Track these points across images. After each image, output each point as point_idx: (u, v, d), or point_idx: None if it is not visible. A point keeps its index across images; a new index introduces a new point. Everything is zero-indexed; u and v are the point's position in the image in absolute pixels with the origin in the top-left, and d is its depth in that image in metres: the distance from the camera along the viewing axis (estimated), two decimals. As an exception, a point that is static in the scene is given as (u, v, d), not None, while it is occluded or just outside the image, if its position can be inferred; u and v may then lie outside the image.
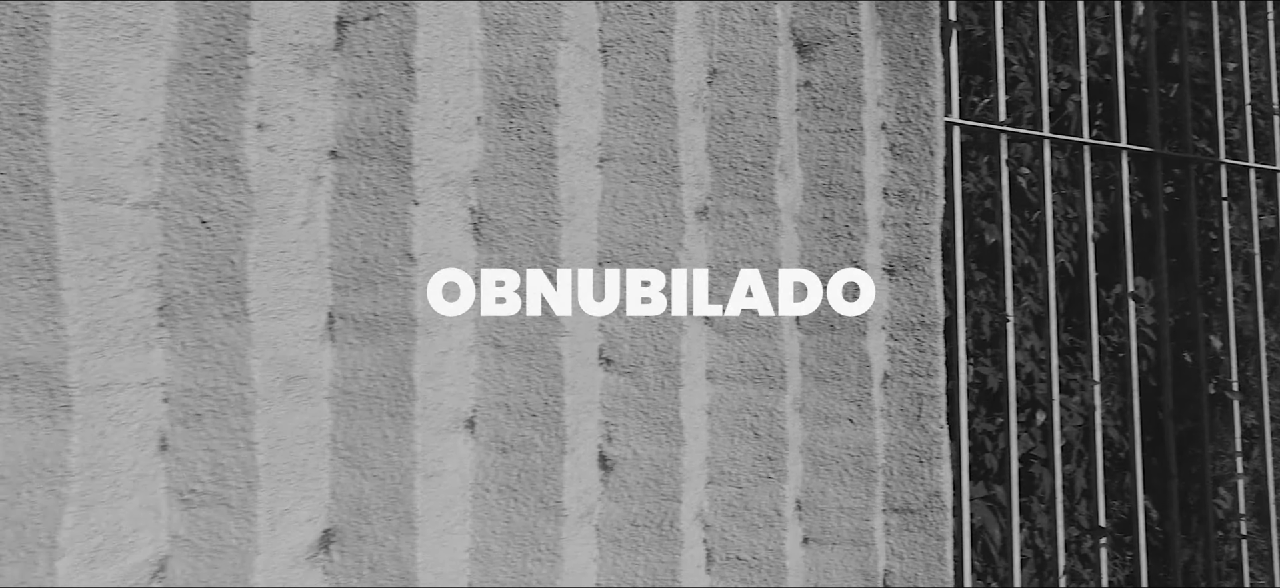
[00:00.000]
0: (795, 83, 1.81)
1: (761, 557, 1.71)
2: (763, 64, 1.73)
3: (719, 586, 1.71)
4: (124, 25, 1.29)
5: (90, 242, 1.23)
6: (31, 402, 1.20)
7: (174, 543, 1.31)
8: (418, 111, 1.42)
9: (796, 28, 1.80)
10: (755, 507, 1.71)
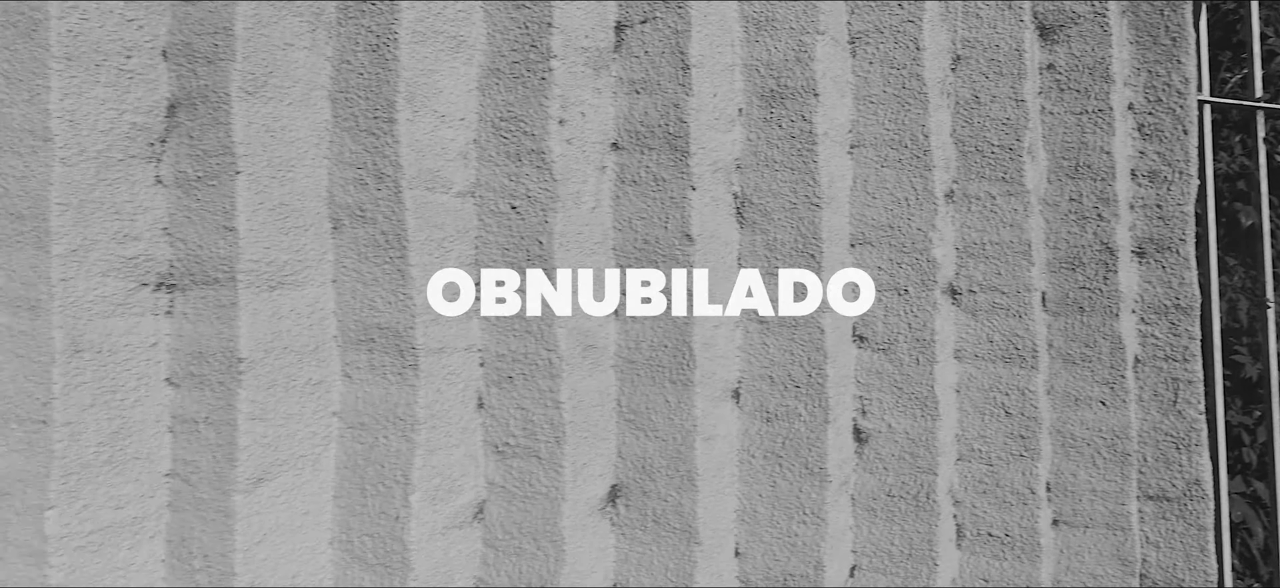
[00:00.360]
0: (1038, 66, 1.81)
1: (1014, 534, 1.72)
2: (1009, 48, 1.74)
3: (971, 561, 1.74)
4: (448, 38, 1.48)
5: (427, 225, 1.42)
6: (385, 361, 1.40)
7: (490, 489, 1.49)
8: (692, 104, 1.54)
9: (1039, 11, 1.81)
10: (1007, 484, 1.72)
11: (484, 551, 1.48)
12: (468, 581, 1.46)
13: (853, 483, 1.68)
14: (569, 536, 1.44)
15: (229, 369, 1.31)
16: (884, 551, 1.67)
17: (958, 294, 1.76)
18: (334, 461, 1.42)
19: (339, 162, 1.44)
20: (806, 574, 1.57)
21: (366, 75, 1.43)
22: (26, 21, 1.30)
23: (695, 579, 1.50)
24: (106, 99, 1.33)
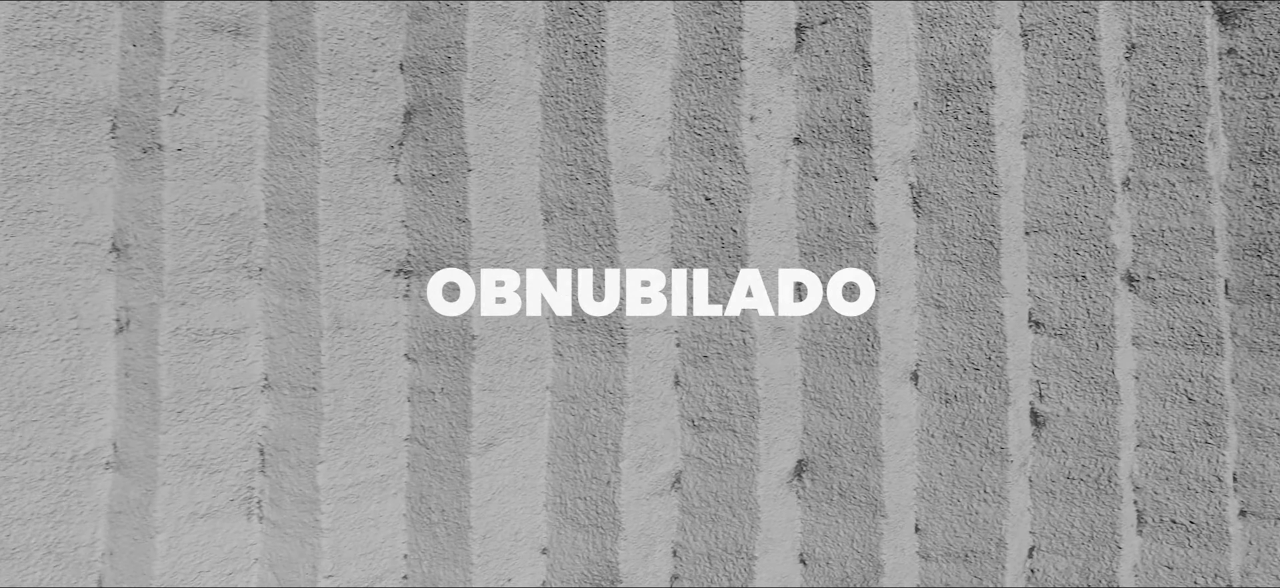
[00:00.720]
0: (1217, 51, 1.80)
1: (1199, 522, 1.71)
2: (1187, 34, 1.74)
3: (1152, 548, 1.74)
4: (646, 44, 1.61)
5: (631, 216, 1.55)
6: (595, 340, 1.54)
7: (686, 460, 1.60)
8: (874, 99, 1.62)
9: (1216, -4, 1.80)
10: (1191, 471, 1.71)
11: (681, 517, 1.60)
12: (667, 545, 1.58)
13: (1031, 465, 1.71)
14: (763, 505, 1.54)
15: (463, 345, 1.47)
16: (1064, 533, 1.70)
17: (1135, 281, 1.77)
18: (547, 431, 1.57)
19: (550, 159, 1.59)
20: (988, 551, 1.62)
21: (575, 80, 1.57)
22: (295, 44, 1.50)
23: (881, 551, 1.57)
24: (358, 108, 1.52)
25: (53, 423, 1.41)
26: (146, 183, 1.45)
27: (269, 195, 1.51)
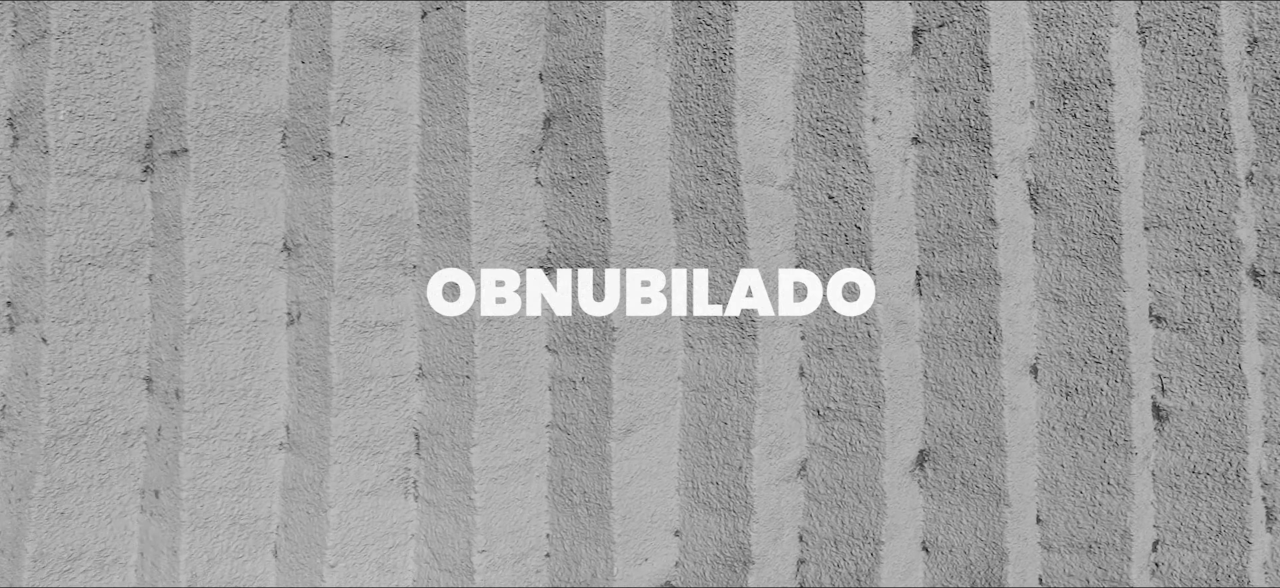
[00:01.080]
0: (1344, 44, 1.79)
1: (1330, 520, 1.69)
2: (1314, 27, 1.73)
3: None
4: (769, 50, 1.68)
5: (759, 214, 1.62)
6: (725, 333, 1.61)
7: (812, 449, 1.66)
8: (993, 99, 1.66)
9: (1341, -12, 1.78)
10: (1321, 468, 1.70)
11: (807, 503, 1.66)
12: (794, 529, 1.64)
13: (1154, 459, 1.72)
14: (889, 491, 1.59)
15: (604, 337, 1.57)
16: (1190, 527, 1.70)
17: (1260, 276, 1.76)
18: (679, 419, 1.65)
19: (680, 161, 1.67)
20: (1113, 543, 1.64)
21: (704, 86, 1.66)
22: (446, 57, 1.62)
23: (1004, 540, 1.61)
24: (503, 116, 1.63)
25: (236, 406, 1.55)
26: (316, 188, 1.58)
27: (422, 198, 1.64)
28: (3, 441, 1.55)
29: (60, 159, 1.53)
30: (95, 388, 1.54)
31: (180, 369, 1.52)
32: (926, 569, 1.69)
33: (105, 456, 1.55)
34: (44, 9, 1.55)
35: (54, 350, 1.50)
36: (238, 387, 1.56)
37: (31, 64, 1.58)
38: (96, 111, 1.57)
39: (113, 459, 1.55)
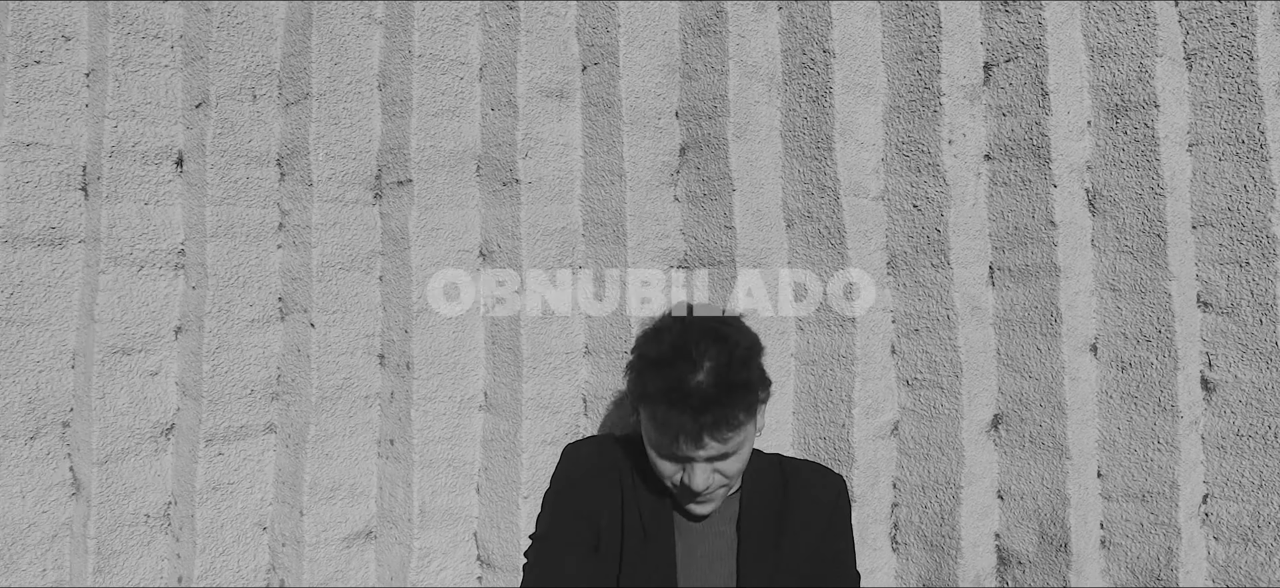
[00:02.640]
0: (1376, 62, 2.05)
1: (1364, 477, 1.95)
2: (1344, 49, 2.01)
3: (1319, 499, 1.98)
4: (862, 87, 2.06)
5: (855, 221, 2.00)
6: (829, 317, 2.00)
7: (902, 412, 2.03)
8: (1051, 122, 2.00)
9: (1374, 13, 2.05)
10: (1355, 432, 1.96)
11: (898, 457, 2.03)
12: (888, 478, 2.01)
13: (1202, 424, 2.01)
14: (967, 447, 1.94)
15: (731, 320, 1.97)
16: (1235, 482, 1.99)
17: (1299, 267, 2.03)
18: (793, 388, 2.03)
19: (790, 180, 2.07)
20: (1163, 492, 1.94)
21: (809, 118, 2.05)
22: (603, 102, 2.06)
23: (1067, 487, 1.94)
24: (649, 147, 2.06)
25: (449, 375, 2.02)
26: (506, 207, 2.05)
27: (586, 213, 2.08)
28: (280, 401, 2.06)
29: (319, 189, 2.03)
30: (346, 362, 2.04)
31: (409, 347, 2.00)
32: (1001, 513, 2.03)
33: (353, 412, 2.04)
34: (305, 77, 2.06)
35: (318, 333, 2.00)
36: (450, 361, 2.03)
37: (295, 119, 2.09)
38: (342, 153, 2.07)
39: (359, 416, 2.05)
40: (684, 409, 1.26)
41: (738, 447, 1.34)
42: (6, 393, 2.00)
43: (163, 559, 2.05)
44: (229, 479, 2.01)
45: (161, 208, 2.08)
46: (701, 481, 1.32)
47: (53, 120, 2.08)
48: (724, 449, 1.32)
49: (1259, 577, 1.95)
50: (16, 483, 2.01)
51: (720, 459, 1.33)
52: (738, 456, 1.36)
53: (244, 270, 2.06)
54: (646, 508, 1.43)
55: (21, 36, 2.06)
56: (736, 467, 1.36)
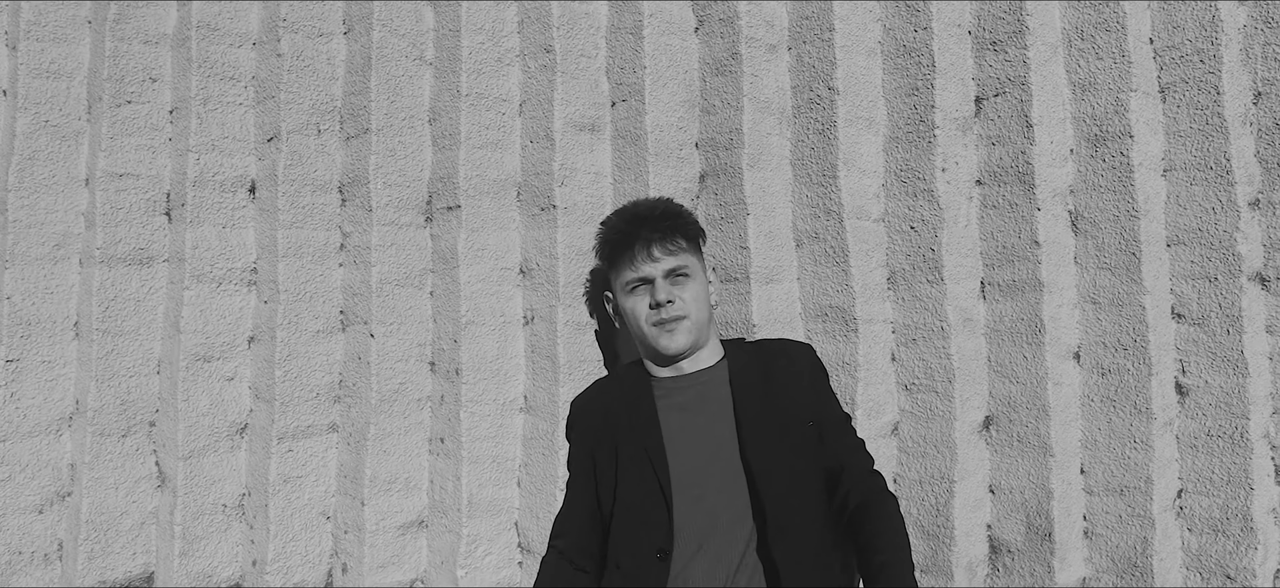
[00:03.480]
0: (1336, 94, 2.24)
1: (1325, 473, 2.14)
2: (1304, 84, 2.21)
3: (1285, 494, 2.18)
4: (864, 120, 2.29)
5: (858, 242, 2.22)
6: (835, 328, 2.22)
7: (902, 414, 2.24)
8: (1036, 151, 2.22)
9: (1335, 49, 2.25)
10: (1317, 432, 2.15)
11: (899, 454, 2.24)
12: (890, 473, 2.22)
13: (1177, 425, 2.21)
14: (960, 446, 2.16)
15: (745, 331, 2.20)
16: (1206, 478, 2.18)
17: (1267, 282, 2.23)
18: (802, 391, 2.25)
19: (799, 204, 2.30)
20: (1139, 486, 2.14)
21: (816, 149, 2.28)
22: (631, 135, 2.29)
23: (1051, 482, 2.14)
24: (672, 175, 2.29)
25: (493, 380, 2.25)
26: (544, 230, 2.29)
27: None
28: (341, 403, 2.31)
29: (378, 214, 2.28)
30: (401, 368, 2.28)
31: (458, 355, 2.24)
32: (991, 505, 2.24)
33: (408, 414, 2.28)
34: (365, 114, 2.31)
35: (377, 343, 2.25)
36: (494, 367, 2.27)
37: (355, 151, 2.34)
38: (398, 181, 2.32)
39: (413, 417, 2.29)
40: (638, 223, 1.75)
41: (688, 270, 1.78)
42: (102, 396, 2.25)
43: (238, 545, 2.29)
44: (297, 473, 2.26)
45: (237, 231, 2.34)
46: (664, 292, 1.72)
47: (141, 153, 2.35)
48: (676, 263, 1.76)
49: (1228, 564, 2.15)
50: (110, 476, 2.26)
51: (675, 280, 1.75)
52: (692, 282, 1.78)
53: (310, 287, 2.30)
54: (634, 407, 1.76)
55: (115, 79, 2.33)
56: (691, 293, 1.77)
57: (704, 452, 1.70)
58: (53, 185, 2.33)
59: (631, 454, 1.70)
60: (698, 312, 1.77)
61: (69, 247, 2.34)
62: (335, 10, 2.41)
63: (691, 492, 1.66)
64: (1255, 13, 2.24)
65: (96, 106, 2.35)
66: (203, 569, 2.24)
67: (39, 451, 2.26)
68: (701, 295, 1.79)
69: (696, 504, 1.65)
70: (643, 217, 1.79)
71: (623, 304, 1.83)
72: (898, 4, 2.30)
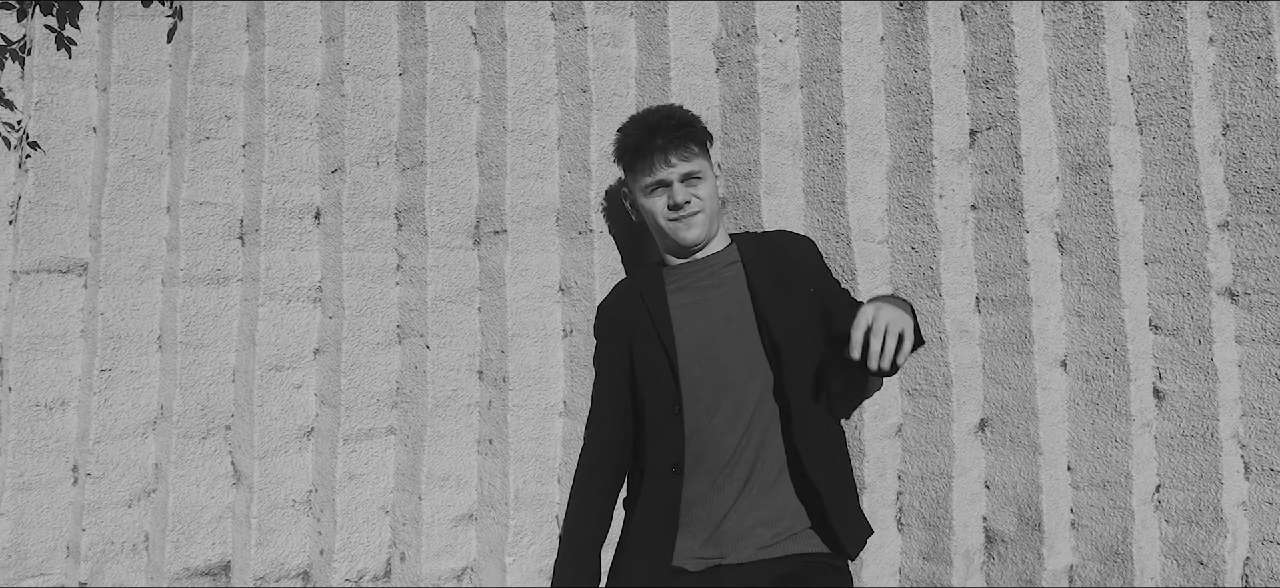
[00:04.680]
0: (1298, 126, 2.48)
1: (1289, 469, 2.36)
2: (1267, 118, 2.44)
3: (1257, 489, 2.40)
4: (869, 152, 2.54)
5: (864, 260, 2.47)
6: (843, 339, 2.46)
7: (905, 417, 2.48)
8: (1024, 179, 2.46)
9: (1296, 85, 2.48)
10: (1281, 432, 2.38)
11: (903, 453, 2.48)
12: (894, 470, 2.46)
13: (1155, 426, 2.45)
14: (958, 445, 2.39)
15: (764, 342, 2.44)
16: (1182, 474, 2.41)
17: (1236, 296, 2.46)
18: (814, 396, 2.49)
19: (811, 228, 2.55)
20: (1120, 481, 2.37)
21: (826, 178, 2.53)
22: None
23: (1041, 478, 2.37)
24: (695, 202, 2.54)
25: (536, 387, 2.50)
26: (582, 252, 2.54)
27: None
28: (398, 408, 2.56)
29: (432, 238, 2.54)
30: (452, 377, 2.53)
31: (504, 365, 2.49)
32: (987, 499, 2.47)
33: (459, 417, 2.53)
34: (420, 148, 2.58)
35: (432, 354, 2.50)
36: (536, 375, 2.51)
37: (411, 182, 2.61)
38: (449, 208, 2.58)
39: (463, 420, 2.54)
40: (654, 132, 2.02)
41: (700, 170, 2.06)
42: (185, 402, 2.51)
43: (306, 536, 2.54)
44: (360, 471, 2.51)
45: (304, 253, 2.60)
46: (681, 194, 2.01)
47: (218, 184, 2.61)
48: (689, 168, 2.04)
49: (1201, 552, 2.37)
50: (192, 474, 2.52)
51: (689, 182, 2.03)
52: (704, 182, 2.07)
53: (371, 303, 2.56)
54: (650, 294, 2.08)
55: (196, 118, 2.60)
56: (704, 191, 2.07)
57: (715, 319, 1.99)
58: (139, 213, 2.60)
59: (645, 330, 2.01)
60: (710, 205, 2.06)
61: (153, 268, 2.61)
62: (392, 54, 2.68)
63: (704, 355, 1.94)
64: (1222, 53, 2.49)
65: (178, 142, 2.62)
66: (275, 558, 2.49)
67: (128, 451, 2.52)
68: (712, 192, 2.08)
69: (710, 366, 1.93)
70: (658, 126, 2.04)
71: (642, 203, 2.10)
72: (899, 47, 2.56)
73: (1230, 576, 2.32)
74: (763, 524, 1.90)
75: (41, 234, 2.54)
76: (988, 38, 2.49)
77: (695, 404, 1.90)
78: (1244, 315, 2.42)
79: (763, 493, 1.88)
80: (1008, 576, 2.40)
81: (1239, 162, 2.44)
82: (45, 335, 2.51)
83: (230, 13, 2.64)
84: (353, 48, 2.61)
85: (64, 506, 2.50)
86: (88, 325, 2.57)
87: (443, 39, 2.60)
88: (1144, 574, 2.34)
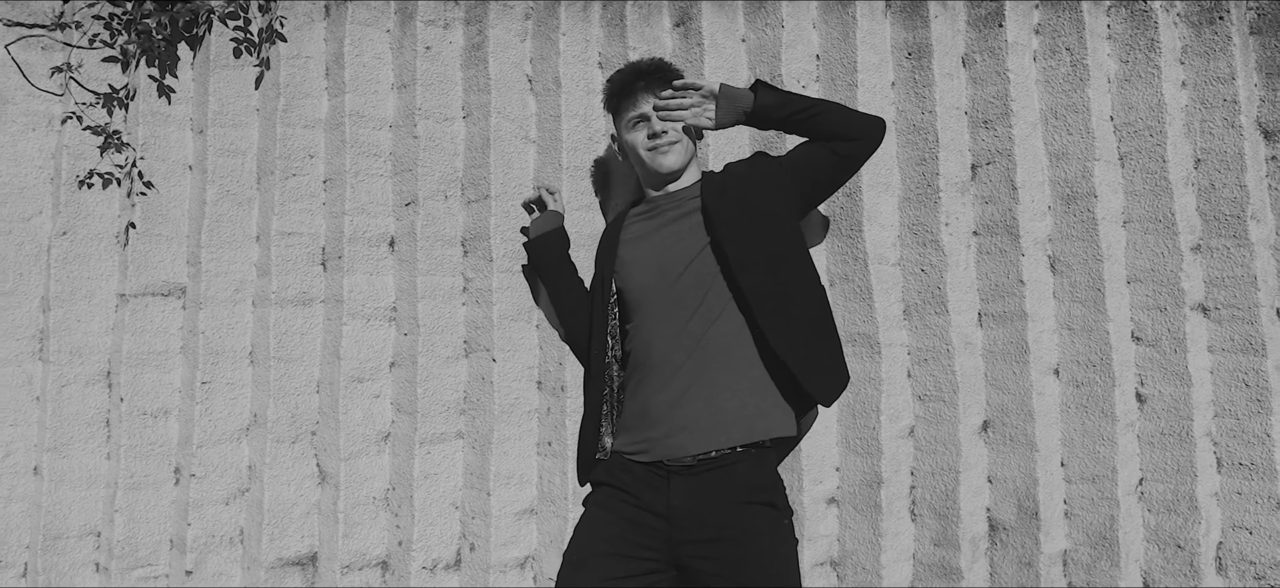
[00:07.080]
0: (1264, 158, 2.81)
1: (1258, 464, 2.67)
2: (1233, 153, 2.77)
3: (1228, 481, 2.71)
4: (882, 185, 2.86)
5: (879, 281, 2.79)
6: (862, 351, 2.78)
7: (917, 419, 2.80)
8: (1020, 208, 2.79)
9: (1263, 121, 2.81)
10: (1249, 431, 2.69)
11: (915, 451, 2.79)
12: (907, 467, 2.77)
13: (1137, 426, 2.76)
14: (964, 444, 2.71)
15: (792, 354, 2.76)
16: (1161, 468, 2.72)
17: (1207, 311, 2.78)
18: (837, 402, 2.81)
19: (831, 252, 2.87)
20: (1107, 475, 2.68)
21: (845, 209, 2.86)
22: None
23: (1037, 473, 2.69)
24: (729, 230, 2.87)
25: (590, 395, 2.82)
26: (628, 274, 2.86)
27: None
28: (466, 415, 2.88)
29: (497, 264, 2.86)
30: (515, 387, 2.85)
31: (562, 375, 2.80)
32: (990, 492, 2.79)
33: (520, 421, 2.84)
34: (484, 183, 2.90)
35: (498, 366, 2.82)
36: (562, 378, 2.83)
37: (476, 212, 2.93)
38: (511, 237, 2.90)
39: (524, 425, 2.85)
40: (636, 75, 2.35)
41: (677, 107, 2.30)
42: (277, 410, 2.83)
43: (386, 530, 2.85)
44: (434, 471, 2.82)
45: (381, 277, 2.92)
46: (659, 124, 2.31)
47: (303, 216, 2.94)
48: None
49: (1179, 537, 2.69)
50: (283, 475, 2.83)
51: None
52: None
53: (441, 322, 2.88)
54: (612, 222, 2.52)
55: (284, 157, 2.92)
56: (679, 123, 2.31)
57: (667, 238, 2.26)
58: (232, 242, 2.92)
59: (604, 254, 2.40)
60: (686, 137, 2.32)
61: (245, 291, 2.92)
62: (458, 99, 3.01)
63: (651, 266, 2.25)
64: (1193, 96, 2.81)
65: (266, 178, 2.94)
66: (359, 549, 2.80)
67: (225, 454, 2.84)
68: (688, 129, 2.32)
69: (657, 277, 2.22)
70: (641, 70, 2.34)
71: (624, 138, 2.36)
72: (908, 92, 2.89)
73: (1205, 558, 2.63)
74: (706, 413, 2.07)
75: (146, 262, 2.85)
76: (986, 83, 2.83)
77: (640, 312, 2.23)
78: (1215, 328, 2.72)
79: (704, 387, 2.07)
80: (1009, 559, 2.71)
81: (1209, 192, 2.74)
82: (150, 352, 2.83)
83: (312, 63, 2.97)
84: (423, 94, 2.93)
85: (168, 504, 2.81)
86: (187, 343, 2.88)
87: (503, 86, 2.93)
88: (1129, 558, 2.66)
